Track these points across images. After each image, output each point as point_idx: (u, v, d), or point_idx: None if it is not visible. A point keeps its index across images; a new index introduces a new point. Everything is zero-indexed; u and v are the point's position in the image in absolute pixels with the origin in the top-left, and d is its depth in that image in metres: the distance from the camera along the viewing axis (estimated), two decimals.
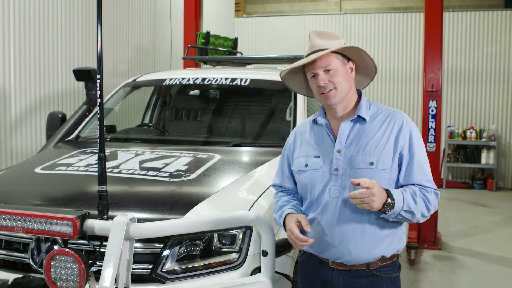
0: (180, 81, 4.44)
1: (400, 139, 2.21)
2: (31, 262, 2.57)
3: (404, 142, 2.21)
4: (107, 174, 2.39)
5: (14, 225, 2.31)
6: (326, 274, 2.29)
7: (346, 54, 2.29)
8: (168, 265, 2.47)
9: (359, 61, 2.34)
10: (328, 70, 2.21)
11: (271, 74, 4.50)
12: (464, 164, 10.78)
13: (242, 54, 7.03)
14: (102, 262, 2.18)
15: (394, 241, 2.26)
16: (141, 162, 3.25)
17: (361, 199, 2.01)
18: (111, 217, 2.29)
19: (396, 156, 2.20)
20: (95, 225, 2.29)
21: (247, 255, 2.54)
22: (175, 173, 3.04)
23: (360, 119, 2.27)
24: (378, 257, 2.23)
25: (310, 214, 2.30)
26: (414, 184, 2.20)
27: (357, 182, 2.03)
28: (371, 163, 2.18)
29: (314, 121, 2.40)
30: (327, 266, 2.29)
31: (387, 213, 2.09)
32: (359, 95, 2.35)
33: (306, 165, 2.32)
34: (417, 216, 2.14)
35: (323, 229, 2.24)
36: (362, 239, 2.20)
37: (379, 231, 2.21)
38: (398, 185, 2.23)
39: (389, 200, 2.06)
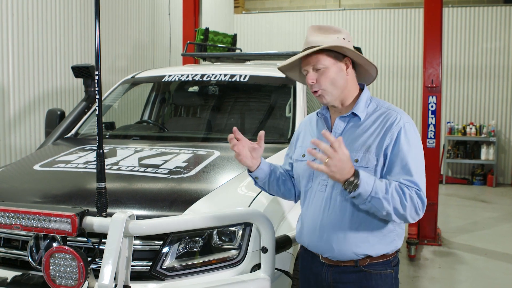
0: (179, 78, 4.43)
1: (387, 138, 2.13)
2: (30, 259, 2.56)
3: (390, 141, 2.12)
4: (106, 171, 2.38)
5: (13, 223, 2.30)
6: (317, 268, 2.30)
7: (342, 51, 2.21)
8: (168, 262, 2.47)
9: (355, 59, 2.29)
10: (318, 69, 2.18)
11: (271, 70, 4.49)
12: (464, 160, 10.78)
13: (241, 51, 7.02)
14: (101, 260, 2.17)
15: (381, 243, 2.19)
16: (140, 159, 3.25)
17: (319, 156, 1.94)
18: (110, 214, 2.27)
19: (381, 154, 2.12)
20: (94, 222, 2.28)
21: (246, 252, 2.54)
22: (174, 169, 3.03)
23: (356, 116, 2.24)
24: (363, 255, 2.19)
25: (303, 207, 2.33)
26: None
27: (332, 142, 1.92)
28: (356, 160, 2.13)
29: (318, 113, 2.39)
30: (318, 261, 2.29)
31: (351, 194, 1.96)
32: (362, 89, 2.30)
33: (304, 156, 2.33)
34: (386, 207, 1.98)
35: (311, 222, 2.25)
36: (344, 236, 2.17)
37: (363, 229, 2.17)
38: None
39: (353, 179, 1.93)
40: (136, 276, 2.43)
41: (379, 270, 2.23)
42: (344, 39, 2.21)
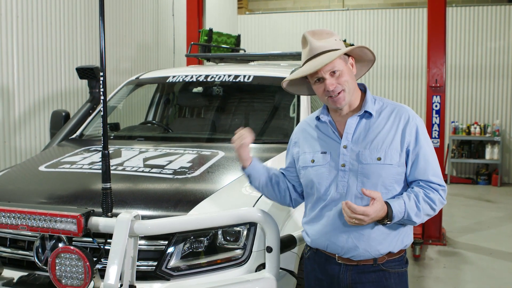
0: (183, 79, 4.44)
1: (407, 134, 2.21)
2: (36, 260, 2.58)
3: (410, 137, 2.21)
4: (111, 171, 2.40)
5: (19, 223, 2.32)
6: (333, 269, 2.29)
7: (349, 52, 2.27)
8: (173, 262, 2.48)
9: (359, 56, 2.32)
10: (334, 72, 2.18)
11: (274, 70, 4.50)
12: (468, 159, 10.76)
13: (245, 51, 7.02)
14: (107, 260, 2.18)
15: (401, 237, 2.26)
16: (145, 159, 3.26)
17: (352, 220, 2.06)
18: (116, 215, 2.29)
19: (404, 151, 2.20)
20: (100, 222, 2.29)
21: (251, 252, 2.54)
22: (179, 170, 3.04)
23: (367, 114, 2.26)
24: (385, 252, 2.23)
25: (318, 210, 2.30)
26: (420, 181, 2.21)
27: (367, 194, 2.07)
28: (379, 158, 2.17)
29: (317, 118, 2.39)
30: (334, 262, 2.28)
31: (385, 225, 2.17)
32: (364, 91, 2.34)
33: (313, 161, 2.31)
34: (418, 221, 2.18)
35: (331, 224, 2.24)
36: (369, 234, 2.19)
37: (387, 227, 2.20)
38: (406, 181, 2.25)
39: (385, 221, 2.12)
40: (142, 276, 2.44)
41: (397, 269, 2.27)
42: (339, 40, 2.26)
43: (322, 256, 2.33)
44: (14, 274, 2.55)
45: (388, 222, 2.12)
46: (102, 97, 2.36)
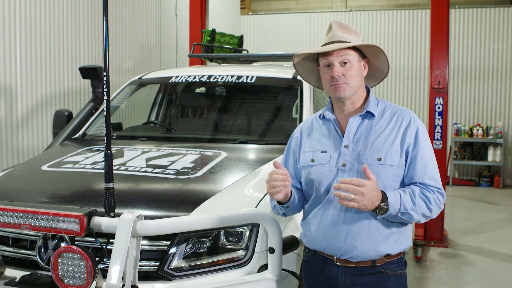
0: (186, 79, 4.44)
1: (407, 136, 2.21)
2: (38, 259, 2.58)
3: (410, 139, 2.21)
4: (114, 171, 2.39)
5: (22, 223, 2.32)
6: (331, 271, 2.28)
7: (364, 51, 2.29)
8: (175, 262, 2.47)
9: (373, 61, 2.34)
10: (345, 63, 2.21)
11: (277, 71, 4.49)
12: (470, 161, 10.75)
13: (247, 52, 7.02)
14: (109, 259, 2.18)
15: (400, 239, 2.24)
16: (148, 159, 3.25)
17: (349, 196, 1.99)
18: (118, 215, 2.29)
19: (403, 152, 2.20)
20: (102, 222, 2.29)
21: (253, 253, 2.54)
22: (182, 170, 3.04)
23: (369, 114, 2.27)
24: (384, 254, 2.21)
25: (316, 209, 2.29)
26: (416, 183, 2.20)
27: (367, 171, 2.03)
28: (379, 159, 2.17)
29: (321, 116, 2.39)
30: (332, 264, 2.27)
31: (382, 216, 2.11)
32: (367, 92, 2.35)
33: (313, 160, 2.31)
34: (416, 217, 2.14)
35: (329, 224, 2.23)
36: (367, 235, 2.18)
37: (386, 228, 2.20)
38: (403, 183, 2.24)
39: (382, 205, 2.06)
40: (144, 276, 2.44)
41: (395, 271, 2.25)
42: (363, 41, 2.29)
43: (320, 258, 2.32)
44: (16, 274, 2.55)
45: (385, 207, 2.06)
46: (105, 97, 2.36)
